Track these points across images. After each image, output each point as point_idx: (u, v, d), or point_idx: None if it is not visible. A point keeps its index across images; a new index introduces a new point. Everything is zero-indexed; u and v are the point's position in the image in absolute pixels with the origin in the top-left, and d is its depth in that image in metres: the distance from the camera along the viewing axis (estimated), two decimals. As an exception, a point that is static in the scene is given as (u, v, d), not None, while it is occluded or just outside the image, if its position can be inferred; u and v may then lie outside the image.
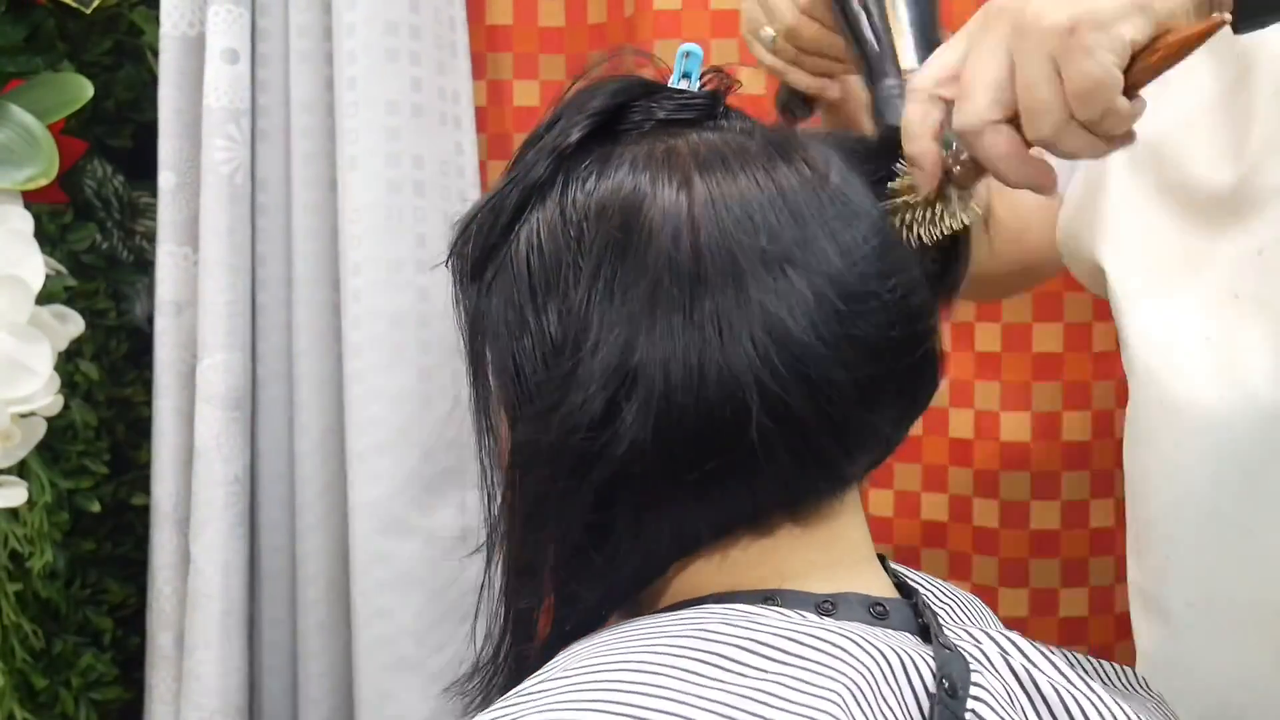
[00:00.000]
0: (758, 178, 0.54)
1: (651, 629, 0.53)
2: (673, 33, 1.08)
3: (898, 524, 1.10)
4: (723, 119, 0.59)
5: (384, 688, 1.03)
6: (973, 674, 0.52)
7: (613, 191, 0.55)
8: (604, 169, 0.56)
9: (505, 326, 0.57)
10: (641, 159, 0.56)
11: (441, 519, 1.05)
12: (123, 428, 1.16)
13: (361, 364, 1.03)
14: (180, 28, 1.07)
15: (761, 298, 0.52)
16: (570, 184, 0.56)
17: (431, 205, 1.05)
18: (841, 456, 0.56)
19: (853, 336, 0.53)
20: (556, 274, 0.55)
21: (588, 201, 0.55)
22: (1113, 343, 1.04)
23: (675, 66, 0.60)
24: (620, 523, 0.55)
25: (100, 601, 1.15)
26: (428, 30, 1.05)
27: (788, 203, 0.54)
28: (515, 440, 0.57)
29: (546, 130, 0.58)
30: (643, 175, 0.55)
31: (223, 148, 1.04)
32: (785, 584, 0.56)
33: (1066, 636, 1.04)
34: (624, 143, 0.57)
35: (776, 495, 0.55)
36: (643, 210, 0.54)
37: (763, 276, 0.52)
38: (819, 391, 0.53)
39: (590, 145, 0.57)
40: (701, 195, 0.54)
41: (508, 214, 0.57)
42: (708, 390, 0.52)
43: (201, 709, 1.04)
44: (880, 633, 0.53)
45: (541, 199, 0.57)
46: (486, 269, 0.58)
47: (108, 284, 1.14)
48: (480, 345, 0.59)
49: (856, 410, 0.54)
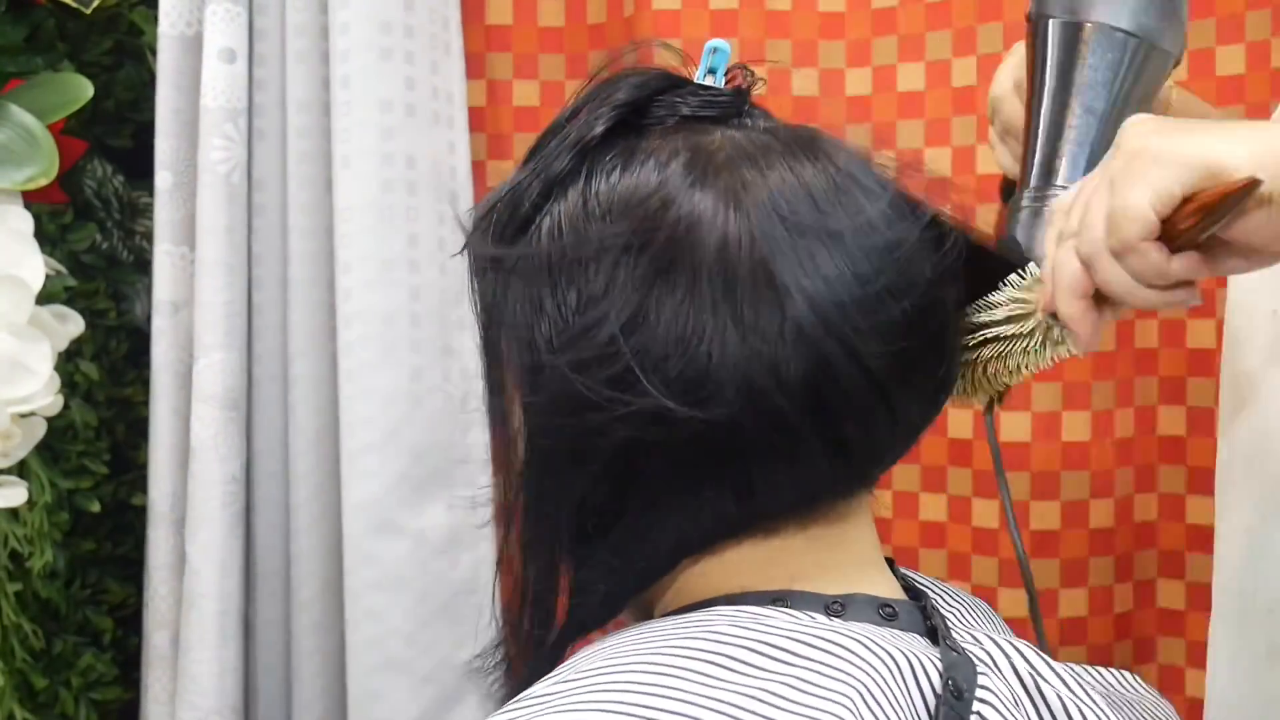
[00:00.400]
0: (783, 175, 0.54)
1: (662, 632, 0.53)
2: (672, 33, 1.08)
3: (897, 524, 1.10)
4: (746, 117, 0.59)
5: (373, 688, 1.03)
6: (980, 677, 0.52)
7: (637, 186, 0.55)
8: (628, 163, 0.55)
9: (523, 317, 0.56)
10: (667, 154, 0.55)
11: (431, 519, 1.05)
12: (123, 428, 1.16)
13: (353, 363, 1.03)
14: (178, 27, 1.07)
15: (790, 289, 0.52)
16: (594, 176, 0.56)
17: (424, 204, 1.05)
18: (867, 448, 0.55)
19: (880, 318, 0.53)
20: (578, 266, 0.54)
21: (611, 195, 0.55)
22: (1112, 343, 1.04)
23: (701, 61, 0.60)
24: (631, 513, 0.55)
25: (100, 601, 1.15)
26: (422, 29, 1.05)
27: (814, 198, 0.54)
28: (529, 431, 0.57)
29: (568, 120, 0.58)
30: (668, 171, 0.54)
31: (220, 147, 1.04)
32: (794, 585, 0.55)
33: (1066, 636, 1.04)
34: (648, 137, 0.57)
35: (795, 493, 0.55)
36: (667, 206, 0.54)
37: (792, 269, 0.52)
38: (850, 378, 0.53)
39: (614, 138, 0.57)
40: (727, 192, 0.54)
41: (528, 205, 0.57)
42: (735, 384, 0.52)
43: (197, 709, 1.04)
44: (889, 634, 0.53)
45: (563, 190, 0.56)
46: (505, 259, 0.57)
47: (108, 284, 1.14)
48: (496, 335, 0.58)
49: (884, 397, 0.54)
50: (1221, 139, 0.51)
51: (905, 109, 1.09)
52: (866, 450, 0.56)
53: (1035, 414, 1.03)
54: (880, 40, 1.09)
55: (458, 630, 1.06)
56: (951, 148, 1.07)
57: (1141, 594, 1.07)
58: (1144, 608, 1.07)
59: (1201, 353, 1.04)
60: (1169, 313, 1.04)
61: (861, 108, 1.10)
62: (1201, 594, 1.05)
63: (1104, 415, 1.03)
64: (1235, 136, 0.51)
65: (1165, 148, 0.51)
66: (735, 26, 1.09)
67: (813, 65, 1.10)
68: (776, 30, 1.10)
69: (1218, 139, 0.51)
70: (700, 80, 0.59)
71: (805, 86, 1.10)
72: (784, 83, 1.09)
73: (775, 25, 1.10)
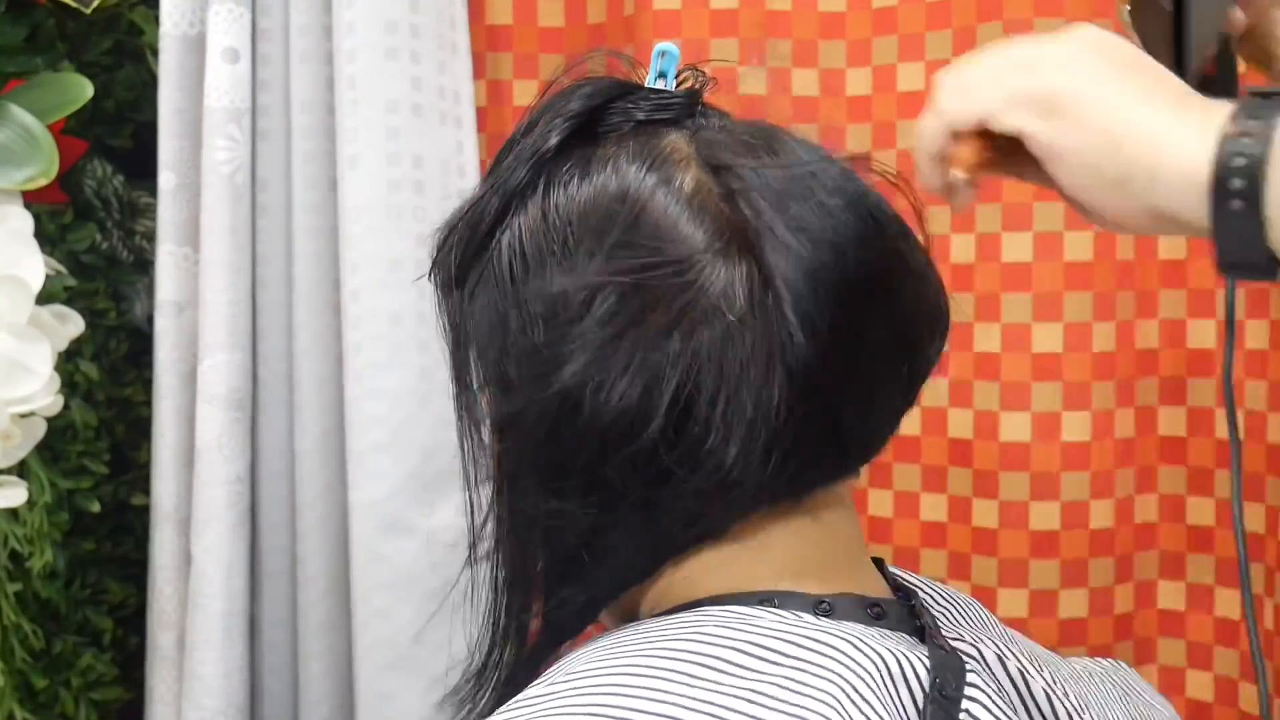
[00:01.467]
0: (740, 171, 0.54)
1: (648, 634, 0.53)
2: (673, 33, 1.08)
3: (897, 524, 1.10)
4: (701, 117, 0.59)
5: (383, 688, 1.03)
6: (968, 675, 0.52)
7: (596, 194, 0.55)
8: (586, 171, 0.56)
9: (489, 334, 0.56)
10: (623, 160, 0.55)
11: (441, 519, 1.05)
12: (122, 428, 1.16)
13: (360, 363, 1.03)
14: (181, 27, 1.07)
15: (765, 278, 0.52)
16: (552, 188, 0.56)
17: (431, 205, 1.05)
18: (859, 427, 0.56)
19: (855, 304, 0.53)
20: (541, 279, 0.54)
21: (570, 205, 0.55)
22: (1112, 343, 1.04)
23: (651, 66, 0.60)
24: (610, 524, 0.55)
25: (100, 601, 1.15)
26: (428, 29, 1.05)
27: (774, 188, 0.54)
28: (503, 447, 0.57)
29: (524, 135, 0.58)
30: (626, 176, 0.55)
31: (223, 148, 1.04)
32: (781, 585, 0.56)
33: (1066, 637, 1.04)
34: (604, 144, 0.57)
35: (777, 484, 0.55)
36: (627, 211, 0.54)
37: (764, 257, 0.52)
38: (842, 358, 0.53)
39: (570, 148, 0.57)
40: (686, 191, 0.54)
41: (488, 221, 0.57)
42: (717, 382, 0.52)
43: (203, 709, 1.04)
44: (877, 633, 0.53)
45: (523, 204, 0.57)
46: (469, 277, 0.58)
47: (107, 284, 1.14)
48: (464, 354, 0.59)
49: (866, 381, 0.54)
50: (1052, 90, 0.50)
51: (905, 109, 1.09)
52: (855, 436, 0.56)
53: (1035, 414, 1.03)
54: (880, 40, 1.09)
55: (460, 632, 1.06)
56: (952, 146, 1.07)
57: (1142, 595, 1.07)
58: (1144, 609, 1.07)
59: (1202, 353, 1.04)
60: (1171, 312, 1.04)
61: (862, 107, 1.10)
62: (1203, 595, 1.05)
63: (1104, 415, 1.03)
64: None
65: (1006, 79, 0.51)
66: (735, 26, 1.09)
67: (813, 65, 1.10)
68: (777, 30, 1.10)
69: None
70: (652, 84, 0.60)
71: (805, 86, 1.10)
72: (784, 83, 1.09)
73: (775, 25, 1.10)
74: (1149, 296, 1.05)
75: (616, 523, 0.55)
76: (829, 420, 0.54)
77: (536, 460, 0.55)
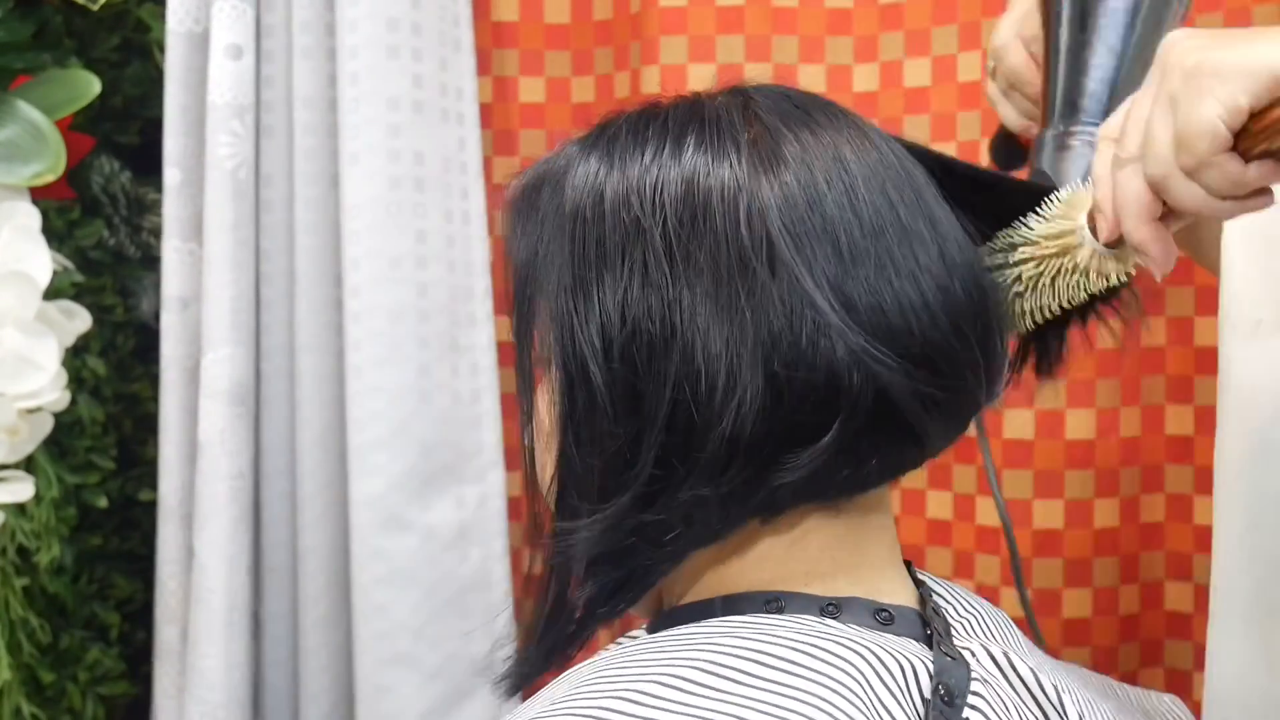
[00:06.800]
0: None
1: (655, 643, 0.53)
2: (678, 29, 1.08)
3: (902, 521, 1.10)
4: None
5: (381, 682, 1.03)
6: (973, 682, 0.52)
7: (695, 169, 0.53)
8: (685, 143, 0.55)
9: (560, 282, 0.55)
10: (729, 143, 0.54)
11: (439, 515, 1.05)
12: (129, 423, 1.16)
13: (360, 359, 1.03)
14: (186, 24, 1.07)
15: (863, 272, 0.52)
16: (645, 153, 0.55)
17: (432, 201, 1.05)
18: (925, 430, 0.54)
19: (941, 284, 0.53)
20: (623, 235, 0.53)
21: (662, 174, 0.54)
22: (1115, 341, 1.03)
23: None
24: (662, 500, 0.53)
25: (107, 596, 1.15)
26: (430, 26, 1.05)
27: (879, 181, 0.54)
28: (561, 402, 0.55)
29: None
30: (728, 159, 0.54)
31: (227, 144, 1.04)
32: (798, 585, 0.55)
33: (1070, 637, 1.04)
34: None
35: (829, 483, 0.54)
36: (713, 190, 0.53)
37: (865, 251, 0.52)
38: (929, 354, 0.52)
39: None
40: (793, 183, 0.53)
41: (570, 170, 0.56)
42: (792, 370, 0.51)
43: (205, 703, 1.04)
44: (881, 638, 0.53)
45: (610, 163, 0.55)
46: (546, 224, 0.56)
47: (115, 280, 1.15)
48: (530, 299, 0.57)
49: (943, 380, 0.53)
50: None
51: (912, 104, 1.09)
52: (932, 432, 0.55)
53: (1038, 411, 1.03)
54: (887, 36, 1.09)
55: (467, 625, 1.06)
56: (957, 142, 1.07)
57: (1148, 596, 1.06)
58: (1151, 609, 1.06)
59: (1209, 351, 1.04)
60: (1179, 309, 1.04)
61: (868, 103, 1.09)
62: (1209, 597, 1.04)
63: (1109, 413, 1.03)
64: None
65: (1225, 60, 0.49)
66: (741, 23, 1.09)
67: (819, 61, 1.10)
68: (783, 26, 1.09)
69: (1276, 45, 0.49)
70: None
71: (812, 82, 1.10)
72: (791, 79, 1.09)
73: (781, 21, 1.09)
74: (1156, 293, 1.04)
75: (674, 494, 0.53)
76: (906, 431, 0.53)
77: (599, 414, 0.53)
